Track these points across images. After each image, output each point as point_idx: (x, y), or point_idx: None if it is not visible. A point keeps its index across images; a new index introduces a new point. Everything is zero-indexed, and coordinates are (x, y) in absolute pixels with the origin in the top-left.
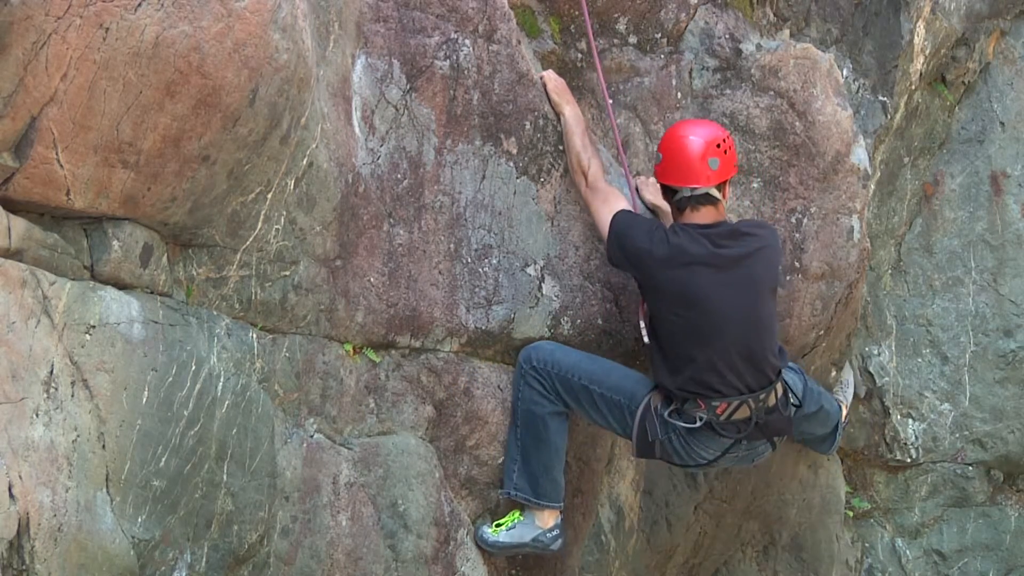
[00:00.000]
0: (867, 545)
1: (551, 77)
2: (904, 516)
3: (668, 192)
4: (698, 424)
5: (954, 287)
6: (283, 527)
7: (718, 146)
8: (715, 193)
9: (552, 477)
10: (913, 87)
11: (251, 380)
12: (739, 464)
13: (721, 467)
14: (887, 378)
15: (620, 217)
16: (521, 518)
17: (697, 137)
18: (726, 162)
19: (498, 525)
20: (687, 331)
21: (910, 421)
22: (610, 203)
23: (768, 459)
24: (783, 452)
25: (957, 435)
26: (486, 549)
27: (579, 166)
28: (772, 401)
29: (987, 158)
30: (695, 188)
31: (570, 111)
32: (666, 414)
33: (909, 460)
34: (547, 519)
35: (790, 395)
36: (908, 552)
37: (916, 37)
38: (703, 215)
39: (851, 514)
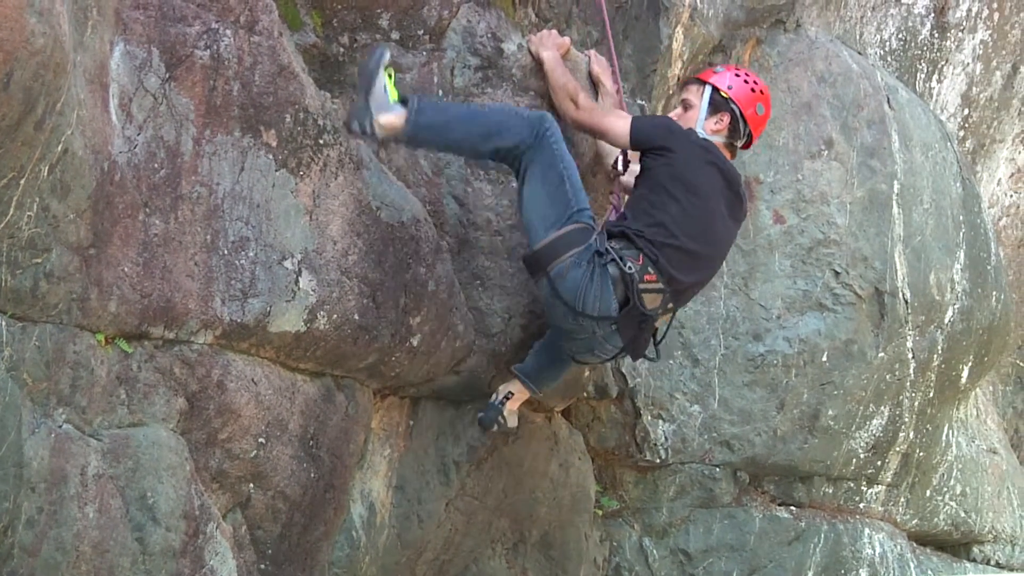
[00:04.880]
0: (615, 544)
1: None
2: (652, 516)
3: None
4: (621, 271)
5: (706, 290)
6: (28, 518)
7: None
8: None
9: None
10: (671, 92)
11: None
12: (586, 356)
13: (581, 346)
14: (639, 379)
15: (647, 116)
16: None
17: None
18: None
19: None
20: (677, 209)
21: (660, 422)
22: (616, 113)
23: (521, 456)
24: (534, 451)
25: (706, 436)
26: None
27: (567, 94)
28: (666, 318)
29: (741, 164)
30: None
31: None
32: (606, 246)
33: (658, 460)
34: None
35: (664, 338)
36: (655, 551)
37: (675, 43)
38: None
39: (600, 513)
